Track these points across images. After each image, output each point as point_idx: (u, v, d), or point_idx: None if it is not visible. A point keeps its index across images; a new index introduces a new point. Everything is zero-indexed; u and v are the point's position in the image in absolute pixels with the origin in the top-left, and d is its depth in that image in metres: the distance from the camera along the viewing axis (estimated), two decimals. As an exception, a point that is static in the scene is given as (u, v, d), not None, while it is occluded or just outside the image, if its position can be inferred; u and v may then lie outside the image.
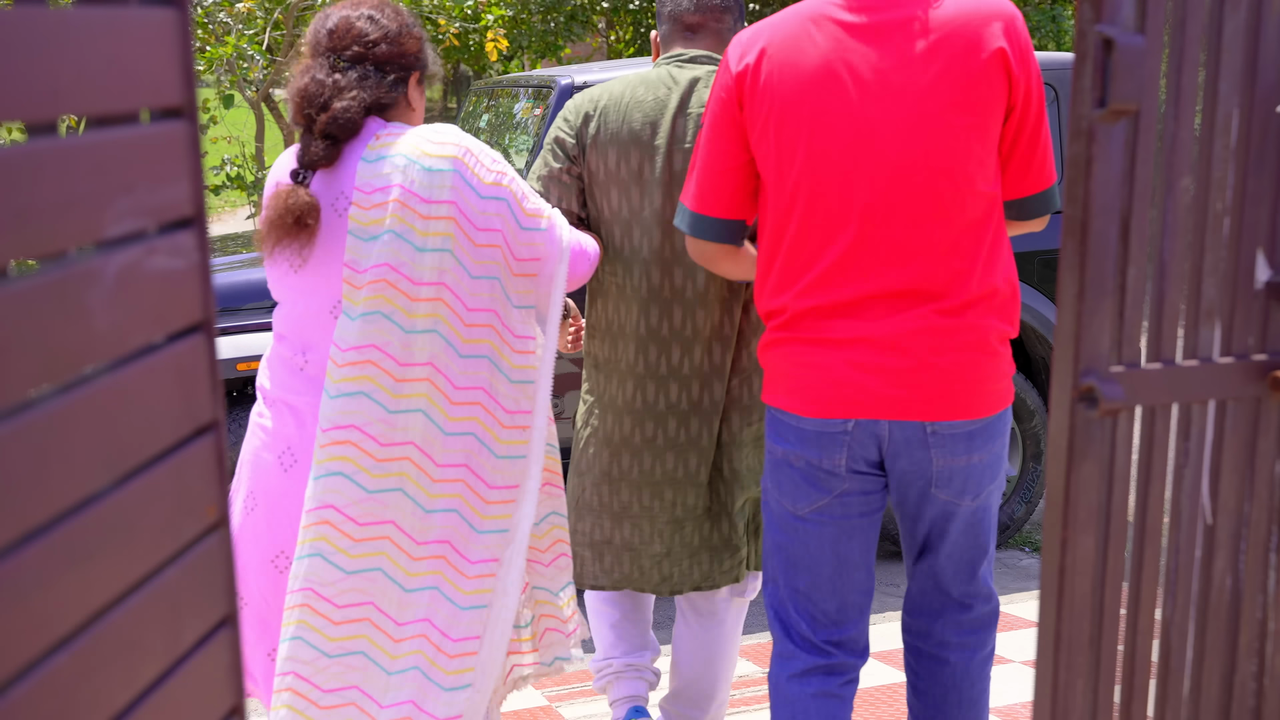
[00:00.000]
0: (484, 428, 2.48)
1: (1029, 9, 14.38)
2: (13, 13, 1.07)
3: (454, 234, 2.42)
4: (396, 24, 2.55)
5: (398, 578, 2.43)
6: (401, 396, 2.42)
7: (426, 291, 2.41)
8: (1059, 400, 1.81)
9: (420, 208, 2.41)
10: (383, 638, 2.44)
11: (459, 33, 10.25)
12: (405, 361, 2.42)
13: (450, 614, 2.45)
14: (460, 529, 2.46)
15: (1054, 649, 1.86)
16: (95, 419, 1.19)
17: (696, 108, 2.93)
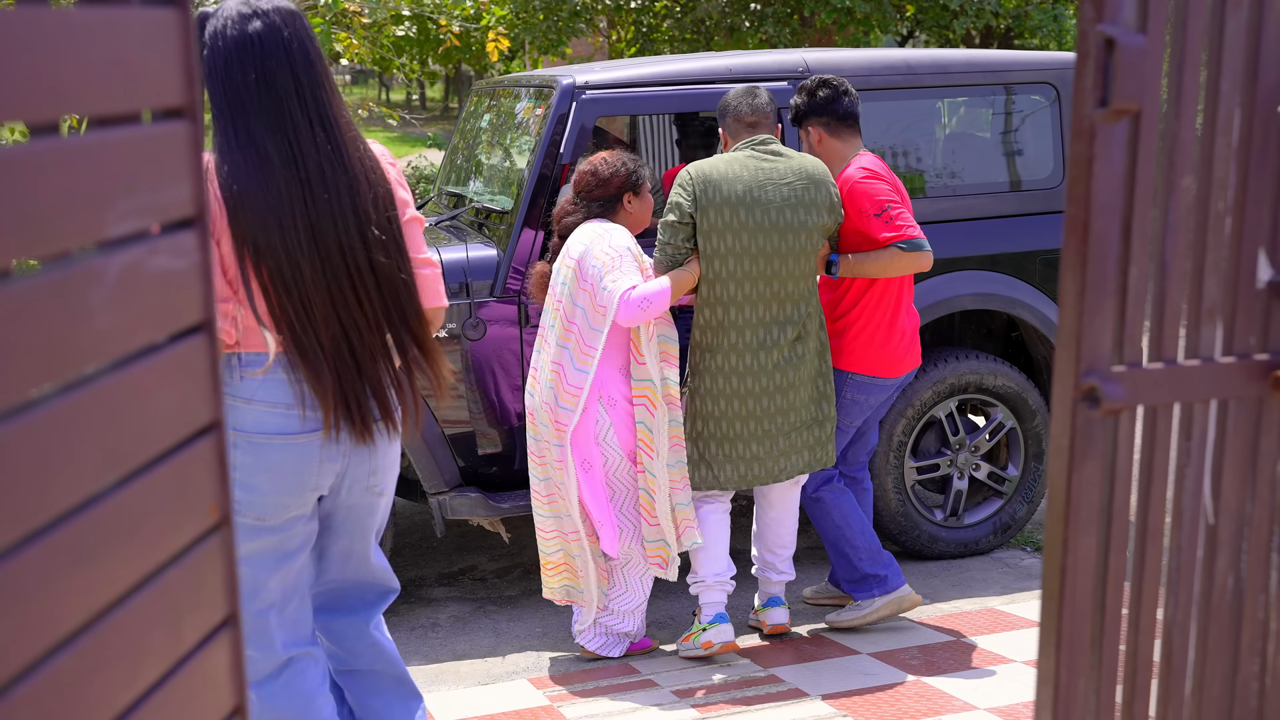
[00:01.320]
0: (558, 388, 4.28)
1: (1031, 8, 14.38)
2: (14, 13, 1.07)
3: (572, 277, 4.28)
4: (609, 171, 4.37)
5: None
6: (538, 355, 4.44)
7: (554, 302, 4.36)
8: (1061, 400, 1.81)
9: (566, 259, 4.33)
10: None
11: (460, 32, 10.25)
12: (544, 339, 4.40)
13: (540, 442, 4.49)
14: (544, 438, 4.35)
15: (1056, 649, 1.86)
16: (97, 419, 1.19)
17: (774, 183, 4.32)
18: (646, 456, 4.27)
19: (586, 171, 4.36)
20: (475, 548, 5.69)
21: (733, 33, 14.28)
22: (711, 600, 4.43)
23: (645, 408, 4.26)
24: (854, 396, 4.56)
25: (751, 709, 4.02)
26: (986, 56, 5.51)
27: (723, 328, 4.29)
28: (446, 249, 4.88)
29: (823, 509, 4.60)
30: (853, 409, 4.58)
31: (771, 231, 4.25)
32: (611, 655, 4.45)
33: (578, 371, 4.22)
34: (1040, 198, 5.37)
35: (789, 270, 4.29)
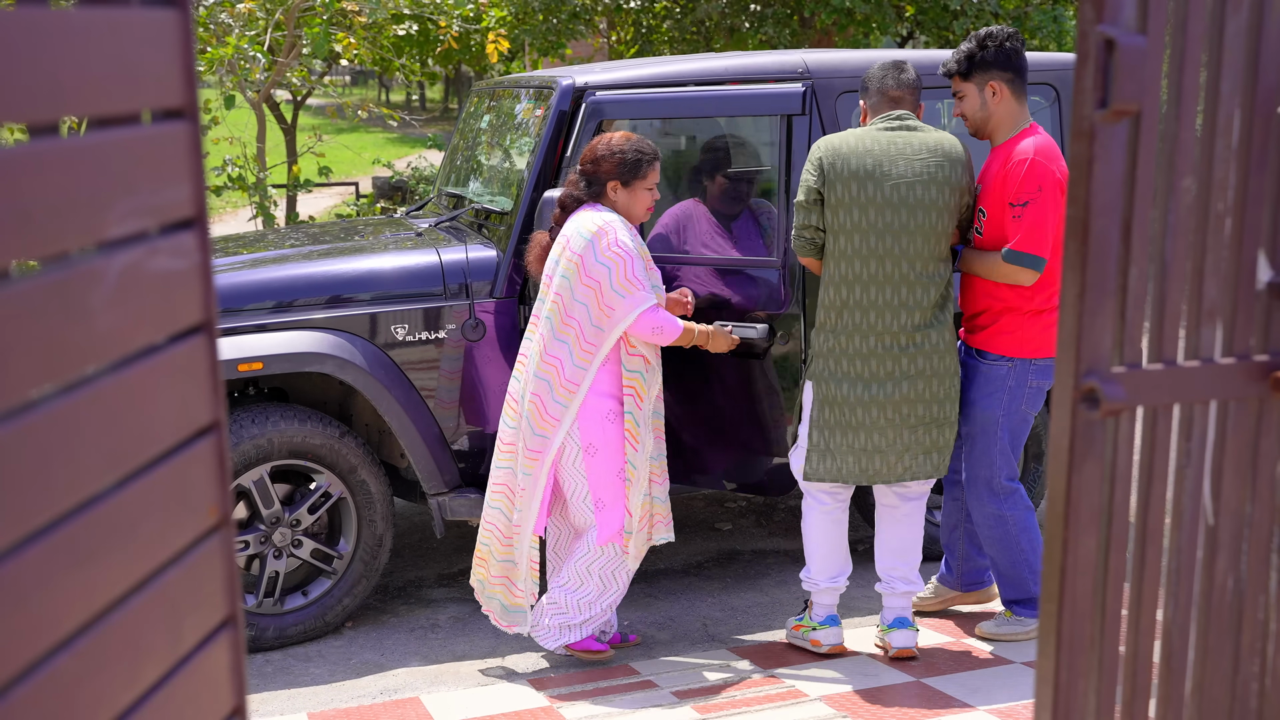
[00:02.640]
0: (553, 381, 4.26)
1: (1031, 9, 14.38)
2: (14, 13, 1.07)
3: (574, 272, 4.24)
4: (605, 150, 4.34)
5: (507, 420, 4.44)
6: (529, 343, 4.38)
7: (553, 296, 4.29)
8: (1061, 401, 1.81)
9: (568, 253, 4.26)
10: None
11: (459, 34, 10.25)
12: (535, 327, 4.35)
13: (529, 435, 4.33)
14: (532, 417, 4.30)
15: (1056, 649, 1.86)
16: (97, 419, 1.19)
17: (905, 158, 4.16)
18: (631, 448, 4.26)
19: (592, 144, 4.37)
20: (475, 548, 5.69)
21: (732, 34, 14.28)
22: (824, 602, 4.41)
23: (633, 398, 4.26)
24: (1039, 383, 4.30)
25: (751, 709, 4.02)
26: (986, 57, 5.49)
27: (847, 307, 4.13)
28: (446, 249, 4.88)
29: (1005, 528, 4.34)
30: (1037, 397, 4.31)
31: (900, 207, 4.08)
32: (566, 643, 4.39)
33: (576, 367, 4.21)
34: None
35: (917, 250, 4.09)
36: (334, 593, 4.70)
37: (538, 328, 4.31)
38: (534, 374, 4.26)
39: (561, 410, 4.22)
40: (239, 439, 4.45)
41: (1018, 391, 4.26)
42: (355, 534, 4.69)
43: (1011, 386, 4.26)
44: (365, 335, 4.67)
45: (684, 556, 5.51)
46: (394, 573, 5.39)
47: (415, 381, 4.71)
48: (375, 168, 18.01)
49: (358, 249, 5.18)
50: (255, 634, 4.58)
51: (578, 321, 4.20)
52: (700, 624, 4.79)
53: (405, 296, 4.73)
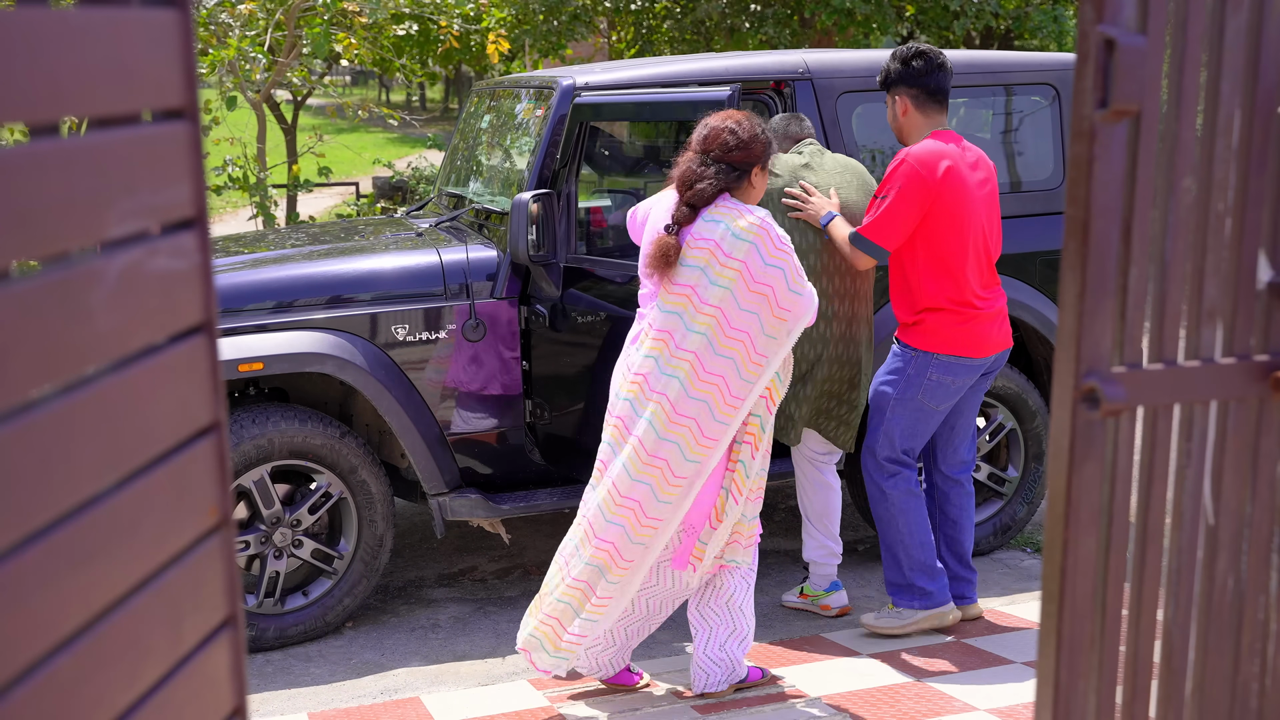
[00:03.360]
0: (714, 401, 3.81)
1: (1031, 9, 14.38)
2: (14, 13, 1.07)
3: (735, 280, 3.79)
4: (749, 134, 3.89)
5: (631, 469, 3.87)
6: (670, 366, 3.84)
7: (708, 309, 3.81)
8: (1061, 401, 1.81)
9: (721, 258, 3.80)
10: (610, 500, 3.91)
11: (460, 34, 10.25)
12: (680, 346, 3.83)
13: (651, 500, 3.85)
14: (675, 455, 3.83)
15: (1056, 649, 1.86)
16: (97, 420, 1.19)
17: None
18: (751, 453, 3.91)
19: (723, 129, 3.88)
20: (475, 549, 5.69)
21: (733, 34, 14.28)
22: (827, 572, 4.85)
23: (766, 403, 3.93)
24: (940, 378, 4.45)
25: (751, 709, 4.02)
26: (987, 58, 5.51)
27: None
28: (446, 250, 4.88)
29: (886, 504, 4.55)
30: (939, 390, 4.46)
31: (807, 229, 4.54)
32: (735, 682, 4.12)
33: (743, 381, 3.79)
34: (1040, 199, 5.37)
35: (834, 261, 4.56)
36: (334, 593, 4.70)
37: (667, 344, 3.82)
38: (686, 394, 3.79)
39: (722, 430, 3.81)
40: (239, 439, 4.45)
41: (915, 380, 4.48)
42: (356, 534, 4.69)
43: (910, 375, 4.48)
44: (366, 335, 4.67)
45: (684, 556, 5.50)
46: (394, 573, 5.39)
47: (416, 382, 4.71)
48: (375, 168, 18.01)
49: (358, 249, 5.18)
50: (256, 634, 4.58)
51: (746, 333, 3.78)
52: (700, 624, 4.79)
53: (406, 297, 4.73)
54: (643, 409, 3.84)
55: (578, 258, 4.80)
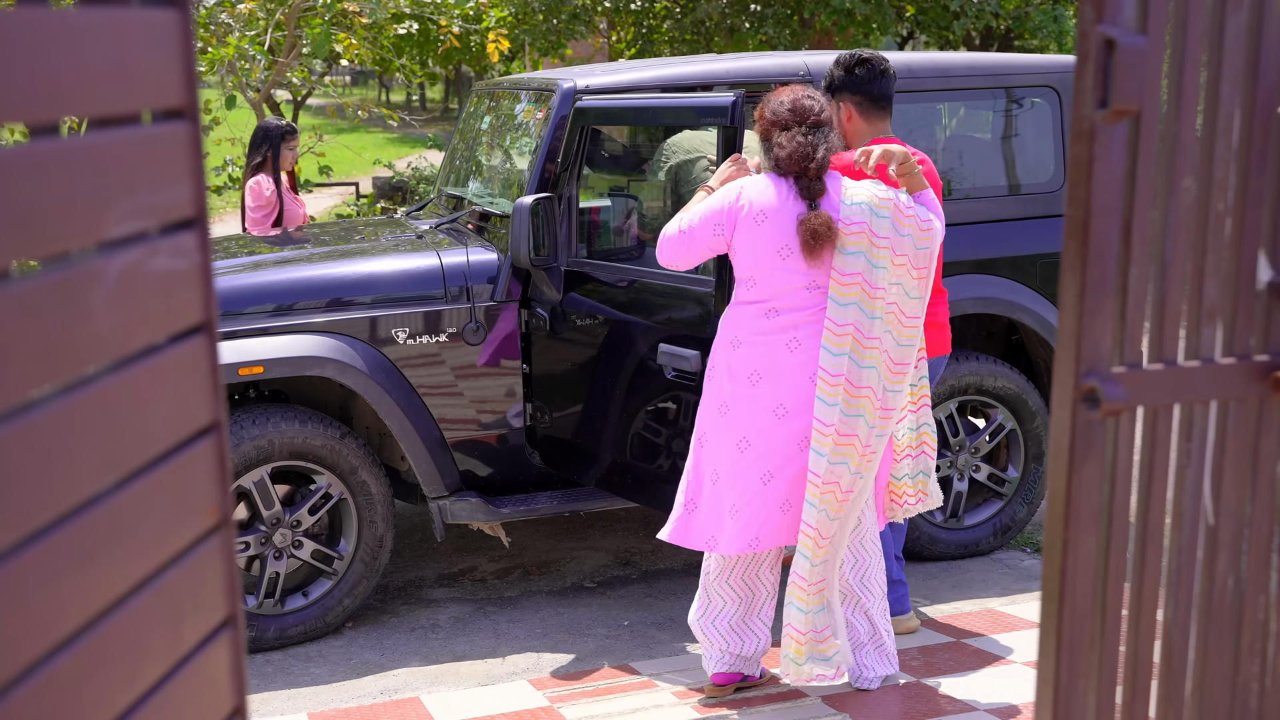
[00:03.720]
0: (885, 371, 3.84)
1: (1031, 9, 14.38)
2: (14, 13, 1.07)
3: (889, 259, 3.79)
4: (818, 99, 3.94)
5: (863, 472, 3.88)
6: (864, 358, 3.82)
7: (881, 293, 3.81)
8: (1061, 401, 1.81)
9: (878, 240, 3.80)
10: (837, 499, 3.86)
11: (460, 33, 10.25)
12: (869, 335, 3.82)
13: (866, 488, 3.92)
14: (882, 446, 3.92)
15: (1056, 650, 1.86)
16: (97, 420, 1.19)
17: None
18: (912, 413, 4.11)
19: (801, 100, 3.89)
20: (475, 549, 5.69)
21: (733, 34, 14.28)
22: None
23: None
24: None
25: (751, 709, 4.02)
26: (987, 60, 5.51)
27: None
28: (447, 253, 4.88)
29: None
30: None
31: None
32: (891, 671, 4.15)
33: (901, 347, 3.85)
34: (1041, 201, 5.37)
35: None
36: (334, 593, 4.70)
37: (855, 337, 3.79)
38: (885, 386, 3.82)
39: (896, 399, 3.90)
40: (240, 440, 4.45)
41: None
42: (356, 535, 4.69)
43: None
44: (366, 339, 4.67)
45: (684, 556, 5.50)
46: (394, 573, 5.39)
47: (416, 385, 4.71)
48: (375, 168, 18.00)
49: (358, 251, 5.18)
50: (256, 634, 4.58)
51: (896, 304, 3.83)
52: (700, 624, 4.79)
53: (406, 300, 4.73)
54: (855, 409, 3.80)
55: (579, 261, 4.80)
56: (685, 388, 4.35)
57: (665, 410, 4.49)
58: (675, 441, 4.47)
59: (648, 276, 4.62)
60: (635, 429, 4.60)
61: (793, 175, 3.84)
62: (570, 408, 4.83)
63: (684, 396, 4.38)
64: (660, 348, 4.38)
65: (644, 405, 4.56)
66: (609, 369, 4.65)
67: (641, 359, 4.52)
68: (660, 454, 4.51)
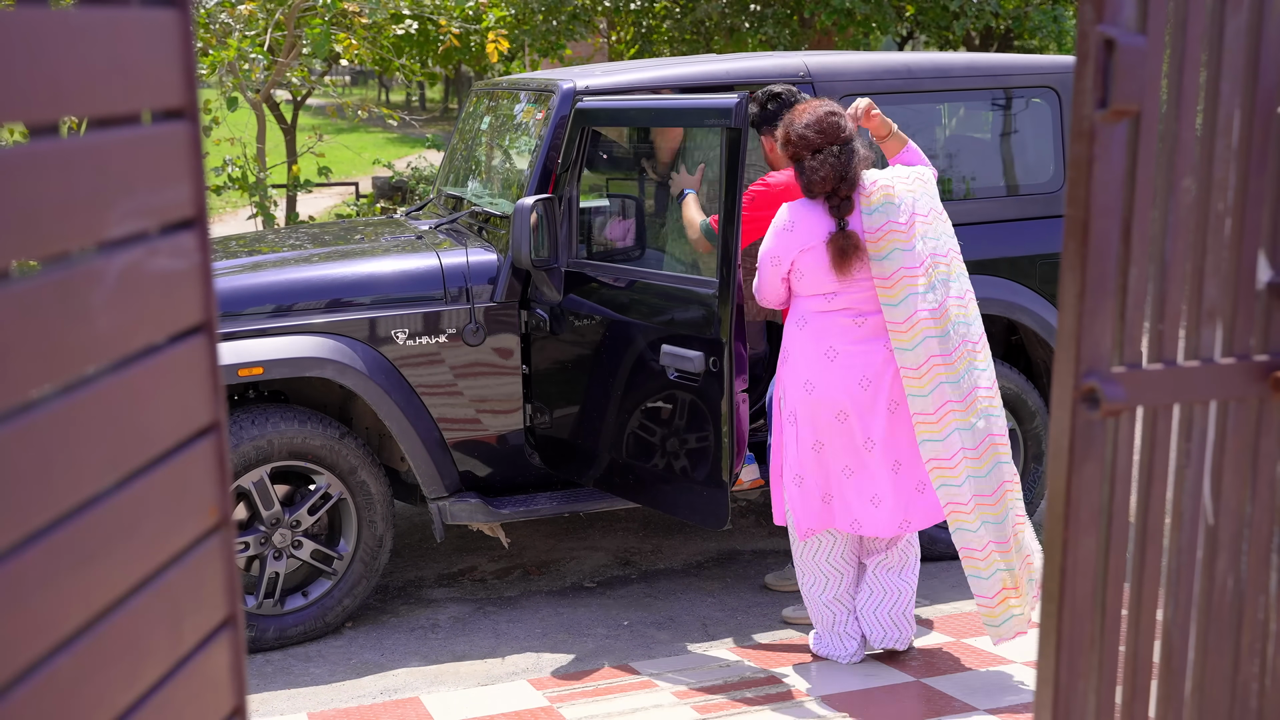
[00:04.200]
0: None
1: (1030, 9, 14.39)
2: (14, 13, 1.07)
3: (922, 233, 3.99)
4: (839, 110, 4.05)
5: (973, 420, 4.03)
6: (940, 327, 3.99)
7: (924, 264, 3.97)
8: (1060, 401, 1.81)
9: (898, 226, 3.96)
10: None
11: (460, 33, 10.25)
12: (936, 308, 3.98)
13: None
14: (966, 382, 4.06)
15: (1056, 649, 1.86)
16: (97, 420, 1.19)
17: None
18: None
19: (826, 115, 4.04)
20: (475, 549, 5.69)
21: (732, 34, 14.28)
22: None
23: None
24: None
25: (751, 709, 4.02)
26: (987, 60, 5.51)
27: None
28: (446, 253, 4.88)
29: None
30: None
31: None
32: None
33: (972, 329, 4.11)
34: (1041, 202, 5.37)
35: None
36: (334, 593, 4.70)
37: (949, 321, 4.00)
38: (967, 325, 4.04)
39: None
40: (239, 440, 4.45)
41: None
42: (355, 535, 4.69)
43: None
44: (365, 340, 4.67)
45: (684, 556, 5.51)
46: (394, 573, 5.39)
47: (416, 386, 4.71)
48: (375, 168, 18.01)
49: (358, 252, 5.18)
50: (255, 634, 4.58)
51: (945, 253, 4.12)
52: (700, 624, 4.79)
53: (405, 300, 4.73)
54: (954, 374, 4.00)
55: (579, 262, 4.80)
56: (686, 388, 4.35)
57: (666, 411, 4.49)
58: (676, 442, 4.47)
59: (649, 277, 4.62)
60: (636, 429, 4.60)
61: (824, 196, 4.02)
62: (570, 408, 4.83)
63: (684, 397, 4.38)
64: (663, 348, 4.38)
65: (645, 406, 4.56)
66: (609, 370, 4.65)
67: (643, 360, 4.52)
68: (661, 454, 4.51)
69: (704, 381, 4.26)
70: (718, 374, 4.22)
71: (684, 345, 4.34)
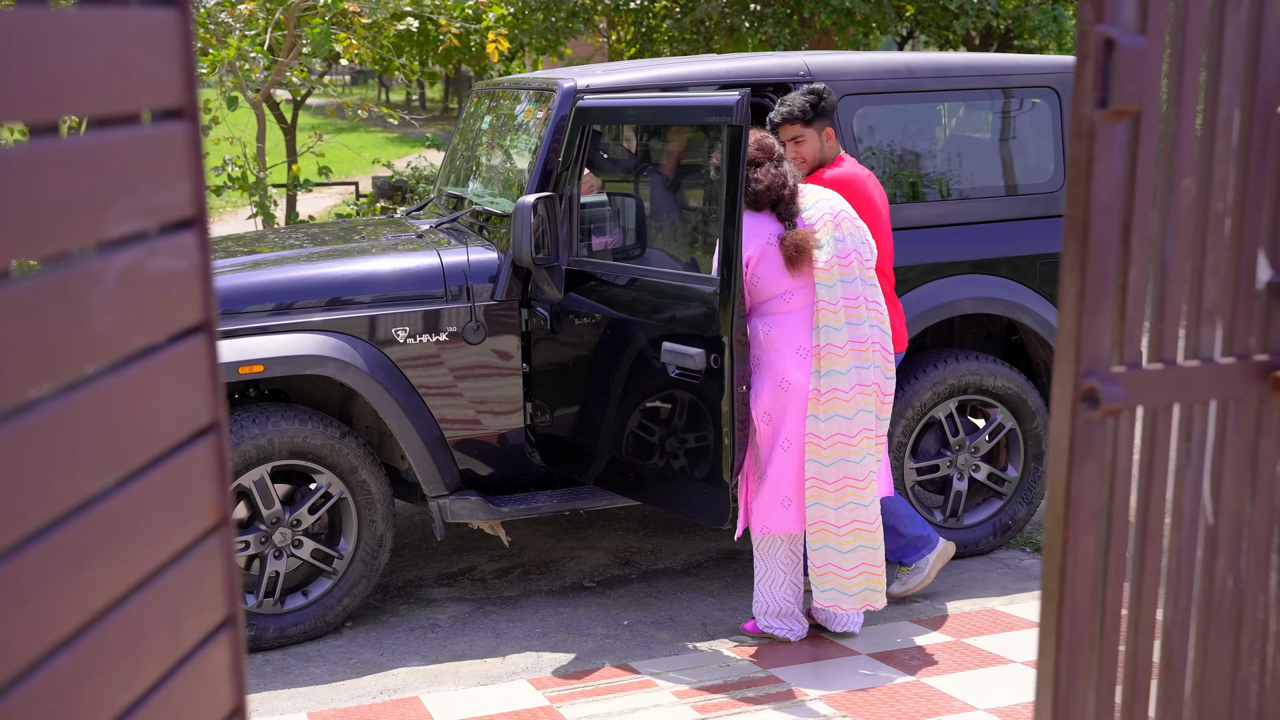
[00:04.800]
0: (886, 362, 4.45)
1: (1030, 9, 14.38)
2: (14, 13, 1.07)
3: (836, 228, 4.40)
4: (772, 138, 4.51)
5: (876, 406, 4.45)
6: (858, 328, 4.38)
7: (852, 257, 4.36)
8: (1060, 400, 1.81)
9: (830, 223, 4.35)
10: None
11: (460, 33, 10.25)
12: (853, 298, 4.39)
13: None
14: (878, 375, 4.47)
15: (1056, 649, 1.86)
16: (97, 420, 1.19)
17: None
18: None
19: (764, 139, 4.47)
20: (475, 548, 5.69)
21: (732, 33, 14.28)
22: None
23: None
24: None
25: (751, 709, 4.02)
26: (987, 60, 5.51)
27: None
28: (447, 252, 4.88)
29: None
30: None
31: None
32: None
33: (885, 333, 4.44)
34: (1040, 201, 5.37)
35: None
36: (334, 593, 4.70)
37: (857, 312, 4.36)
38: (873, 364, 4.37)
39: (891, 385, 4.48)
40: (239, 439, 4.45)
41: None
42: (355, 534, 4.69)
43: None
44: (366, 338, 4.67)
45: (684, 556, 5.51)
46: (394, 572, 5.39)
47: (416, 384, 4.71)
48: (375, 167, 18.01)
49: (358, 251, 5.18)
50: (255, 634, 4.58)
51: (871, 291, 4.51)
52: (700, 624, 4.79)
53: (406, 299, 4.73)
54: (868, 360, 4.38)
55: (580, 260, 4.80)
56: (688, 386, 4.36)
57: (667, 409, 4.49)
58: (676, 440, 4.47)
59: (650, 275, 4.63)
60: (637, 427, 4.60)
61: (769, 203, 4.38)
62: (571, 407, 4.83)
63: (686, 395, 4.38)
64: (664, 346, 4.38)
65: (646, 403, 4.56)
66: (610, 367, 4.65)
67: (644, 357, 4.52)
68: (662, 452, 4.51)
69: (705, 379, 4.27)
70: (719, 371, 4.23)
71: (686, 343, 4.34)
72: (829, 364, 4.31)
